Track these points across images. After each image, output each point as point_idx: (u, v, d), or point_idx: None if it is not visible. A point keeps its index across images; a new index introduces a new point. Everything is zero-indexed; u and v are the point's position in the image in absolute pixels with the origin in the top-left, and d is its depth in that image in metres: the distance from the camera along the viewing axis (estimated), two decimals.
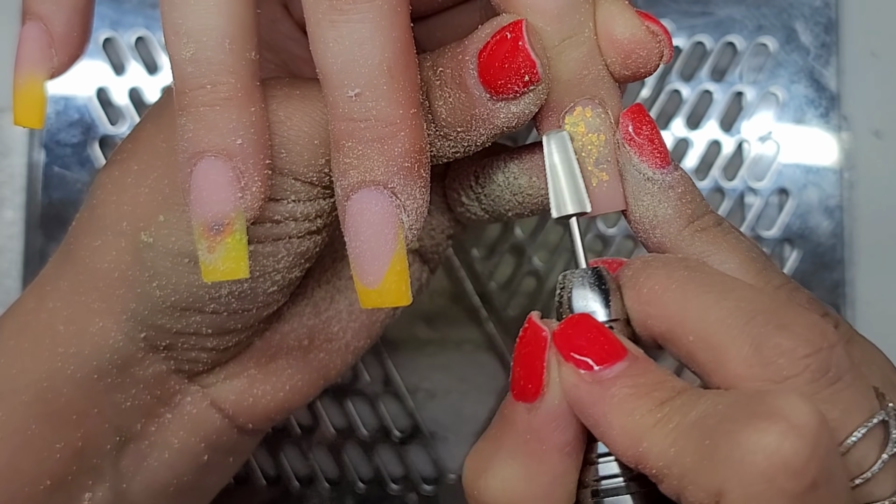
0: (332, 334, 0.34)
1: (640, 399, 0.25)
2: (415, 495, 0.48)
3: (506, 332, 0.49)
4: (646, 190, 0.28)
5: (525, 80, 0.26)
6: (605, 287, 0.27)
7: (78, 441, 0.31)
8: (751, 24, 0.50)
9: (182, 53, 0.26)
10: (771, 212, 0.50)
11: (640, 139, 0.28)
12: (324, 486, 0.48)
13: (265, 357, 0.33)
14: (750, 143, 0.50)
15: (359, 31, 0.25)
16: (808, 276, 0.49)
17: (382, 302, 0.26)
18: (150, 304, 0.30)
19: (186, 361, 0.32)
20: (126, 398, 0.32)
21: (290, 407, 0.34)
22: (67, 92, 0.49)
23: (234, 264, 0.26)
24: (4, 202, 0.49)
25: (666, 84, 0.50)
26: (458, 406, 0.49)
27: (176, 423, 0.33)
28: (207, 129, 0.26)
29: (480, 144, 0.28)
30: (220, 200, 0.26)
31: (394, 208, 0.26)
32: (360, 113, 0.25)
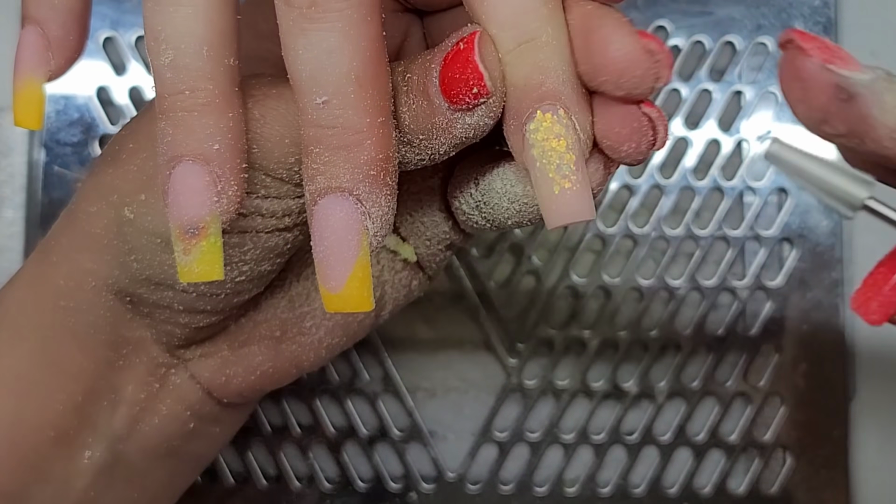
0: (305, 329, 0.35)
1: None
2: (414, 494, 0.48)
3: (505, 331, 0.49)
4: (884, 90, 0.26)
5: (474, 92, 0.26)
6: None
7: (78, 395, 0.33)
8: (750, 24, 0.50)
9: (161, 59, 0.26)
10: (770, 211, 0.50)
11: (831, 51, 0.26)
12: (323, 485, 0.48)
13: (238, 342, 0.34)
14: (749, 143, 0.50)
15: (328, 39, 0.25)
16: (807, 275, 0.49)
17: (345, 307, 0.26)
18: (129, 274, 0.31)
19: (164, 334, 0.33)
20: (118, 357, 0.33)
21: (261, 388, 0.35)
22: (68, 91, 0.49)
23: (208, 267, 0.27)
24: (4, 201, 0.49)
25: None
26: (457, 405, 0.49)
27: (163, 392, 0.34)
28: (185, 133, 0.26)
29: (444, 153, 0.28)
30: (197, 204, 0.26)
31: (358, 215, 0.26)
32: (328, 120, 0.26)
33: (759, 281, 0.49)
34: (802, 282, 0.49)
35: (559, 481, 0.49)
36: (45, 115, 0.30)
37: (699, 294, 0.49)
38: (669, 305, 0.49)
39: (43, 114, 0.30)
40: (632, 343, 0.49)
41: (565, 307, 0.49)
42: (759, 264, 0.49)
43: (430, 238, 0.35)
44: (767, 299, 0.49)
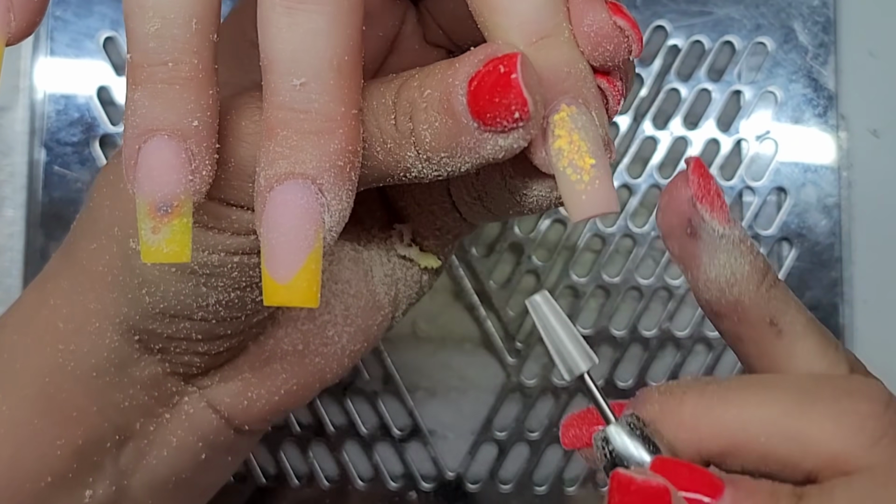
0: (328, 338, 0.34)
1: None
2: (414, 493, 0.49)
3: (505, 330, 0.49)
4: (721, 248, 0.28)
5: (515, 116, 0.25)
6: (645, 434, 0.27)
7: (79, 438, 0.31)
8: (749, 24, 0.50)
9: (145, 27, 0.25)
10: (769, 210, 0.50)
11: (710, 195, 0.28)
12: (323, 484, 0.48)
13: (259, 361, 0.33)
14: (748, 142, 0.50)
15: (315, 21, 0.25)
16: (806, 274, 0.49)
17: (290, 300, 0.25)
18: (141, 309, 0.30)
19: (181, 364, 0.32)
20: (125, 398, 0.32)
21: (285, 409, 0.34)
22: (68, 91, 0.49)
23: (177, 247, 0.25)
24: (5, 201, 0.49)
25: (664, 83, 0.50)
26: (457, 404, 0.49)
27: (174, 422, 0.33)
28: (164, 107, 0.25)
29: (463, 171, 0.27)
30: (171, 181, 0.25)
31: (318, 205, 0.25)
32: (302, 104, 0.25)
33: None
34: (801, 281, 0.49)
35: (559, 480, 0.49)
36: (43, 114, 0.29)
37: None
38: (669, 305, 0.49)
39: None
40: (631, 342, 0.49)
41: (565, 306, 0.49)
42: None
43: (440, 227, 0.34)
44: None
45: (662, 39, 0.50)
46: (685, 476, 0.26)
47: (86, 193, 0.49)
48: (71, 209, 0.48)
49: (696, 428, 0.27)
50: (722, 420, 0.26)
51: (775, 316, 0.28)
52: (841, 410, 0.25)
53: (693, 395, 0.27)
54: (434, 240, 0.35)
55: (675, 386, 0.28)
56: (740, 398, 0.26)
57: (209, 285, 0.29)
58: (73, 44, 0.49)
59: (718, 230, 0.28)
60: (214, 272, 0.29)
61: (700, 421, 0.26)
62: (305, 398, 0.35)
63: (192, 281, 0.29)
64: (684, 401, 0.27)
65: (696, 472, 0.26)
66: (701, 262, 0.28)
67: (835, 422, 0.25)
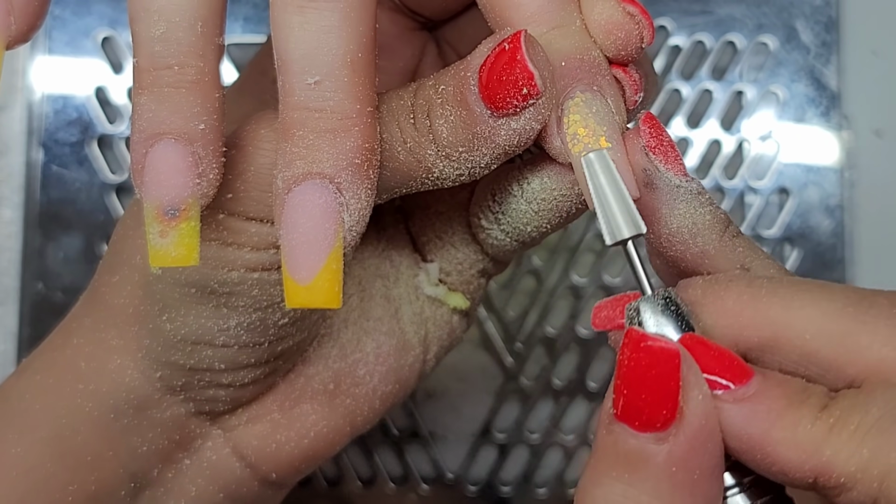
0: (359, 378, 0.33)
1: (801, 408, 0.23)
2: (414, 495, 0.48)
3: (505, 331, 0.49)
4: (679, 197, 0.27)
5: (524, 93, 0.25)
6: (681, 312, 0.26)
7: (91, 485, 0.31)
8: (751, 23, 0.50)
9: (151, 31, 0.25)
10: (771, 211, 0.49)
11: (663, 147, 0.27)
12: (322, 486, 0.48)
13: (289, 401, 0.32)
14: (750, 142, 0.50)
15: (327, 18, 0.25)
16: (808, 275, 0.49)
17: (312, 301, 0.25)
18: (162, 339, 0.30)
19: (206, 401, 0.31)
20: (143, 442, 0.31)
21: (315, 455, 0.33)
22: (66, 91, 0.49)
23: (185, 251, 0.25)
24: (3, 201, 0.49)
25: (666, 83, 0.50)
26: (457, 405, 0.49)
27: (194, 469, 0.32)
28: (171, 110, 0.25)
29: (484, 166, 0.27)
30: (178, 185, 0.25)
31: (337, 205, 0.25)
32: (317, 102, 0.25)
33: None
34: None
35: (560, 482, 0.49)
36: (41, 114, 0.29)
37: None
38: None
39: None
40: None
41: (565, 307, 0.49)
42: None
43: (462, 261, 0.33)
44: None
45: (664, 39, 0.50)
46: (712, 356, 0.24)
47: (84, 193, 0.49)
48: (69, 209, 0.48)
49: (738, 315, 0.25)
50: (767, 311, 0.25)
51: (745, 262, 0.27)
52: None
53: (740, 283, 0.26)
54: (457, 275, 0.34)
55: (719, 276, 0.26)
56: (790, 293, 0.25)
57: (230, 305, 0.29)
58: (72, 43, 0.49)
59: (674, 181, 0.27)
60: (234, 290, 0.28)
61: (744, 309, 0.25)
62: (335, 444, 0.33)
63: (213, 302, 0.28)
64: (730, 287, 0.25)
65: (724, 354, 0.24)
66: (661, 214, 0.27)
67: (889, 328, 0.23)
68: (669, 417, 0.23)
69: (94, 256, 0.48)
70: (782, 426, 0.23)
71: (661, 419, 0.23)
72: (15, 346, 0.48)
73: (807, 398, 0.24)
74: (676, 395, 0.23)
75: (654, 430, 0.23)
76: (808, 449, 0.23)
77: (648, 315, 0.26)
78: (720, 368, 0.24)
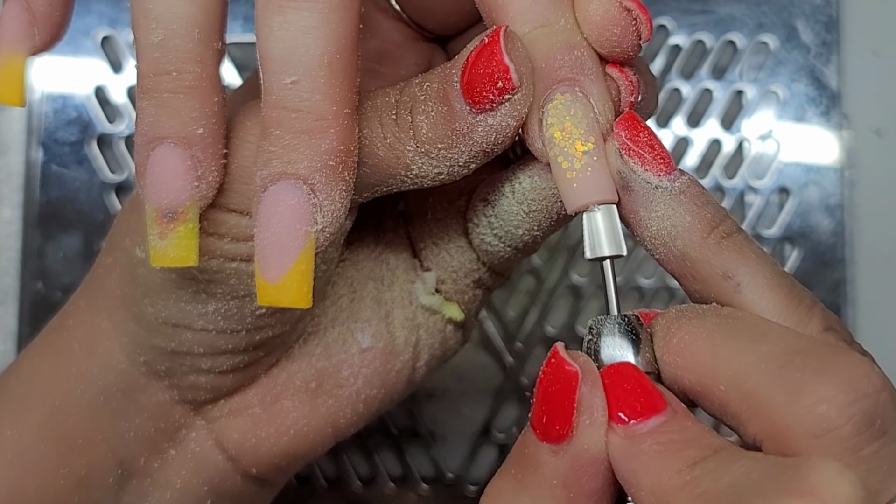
0: (343, 379, 0.33)
1: (671, 457, 0.23)
2: (414, 495, 0.48)
3: (505, 331, 0.49)
4: (657, 199, 0.27)
5: (499, 86, 0.25)
6: (636, 337, 0.26)
7: (82, 469, 0.31)
8: (751, 22, 0.50)
9: (150, 38, 0.25)
10: (771, 210, 0.49)
11: (639, 147, 0.27)
12: (322, 486, 0.48)
13: (270, 396, 0.33)
14: (750, 142, 0.50)
15: (306, 18, 0.25)
16: (808, 275, 0.49)
17: (280, 300, 0.25)
18: (145, 321, 0.30)
19: (188, 388, 0.32)
20: (130, 427, 0.32)
21: (294, 454, 0.33)
22: (65, 90, 0.49)
23: (184, 252, 0.26)
24: (2, 200, 0.49)
25: (666, 82, 0.50)
26: (456, 405, 0.49)
27: (179, 461, 0.33)
28: (169, 115, 0.26)
29: (463, 164, 0.27)
30: (177, 188, 0.26)
31: (310, 206, 0.25)
32: (294, 102, 0.25)
33: None
34: (804, 282, 0.48)
35: None
36: (40, 113, 0.30)
37: None
38: (670, 305, 0.49)
39: (25, 90, 0.29)
40: None
41: (565, 307, 0.49)
42: None
43: (457, 269, 0.33)
44: None
45: (664, 38, 0.50)
46: (625, 387, 0.24)
47: (84, 193, 0.49)
48: (68, 208, 0.48)
49: (677, 355, 0.25)
50: (697, 356, 0.25)
51: (729, 269, 0.26)
52: (799, 382, 0.23)
53: (693, 322, 0.25)
54: (452, 283, 0.34)
55: (692, 309, 0.26)
56: (722, 338, 0.24)
57: (208, 292, 0.29)
58: (71, 42, 0.49)
59: (653, 181, 0.26)
60: (213, 278, 0.29)
61: (682, 350, 0.25)
62: (317, 445, 0.33)
63: (192, 287, 0.29)
64: (682, 326, 0.25)
65: (638, 387, 0.24)
66: (640, 216, 0.27)
67: (786, 393, 0.23)
68: (562, 434, 0.24)
69: (94, 256, 0.48)
70: (647, 471, 0.23)
71: (555, 434, 0.24)
72: (14, 345, 0.48)
73: (685, 449, 0.23)
74: (570, 415, 0.24)
75: (550, 441, 0.24)
76: (659, 498, 0.23)
77: (605, 334, 0.26)
78: (625, 401, 0.24)
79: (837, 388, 0.23)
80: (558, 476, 0.24)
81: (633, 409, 0.24)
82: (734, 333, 0.25)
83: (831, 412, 0.22)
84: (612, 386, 0.24)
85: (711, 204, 0.27)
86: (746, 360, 0.24)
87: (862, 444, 0.22)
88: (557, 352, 0.25)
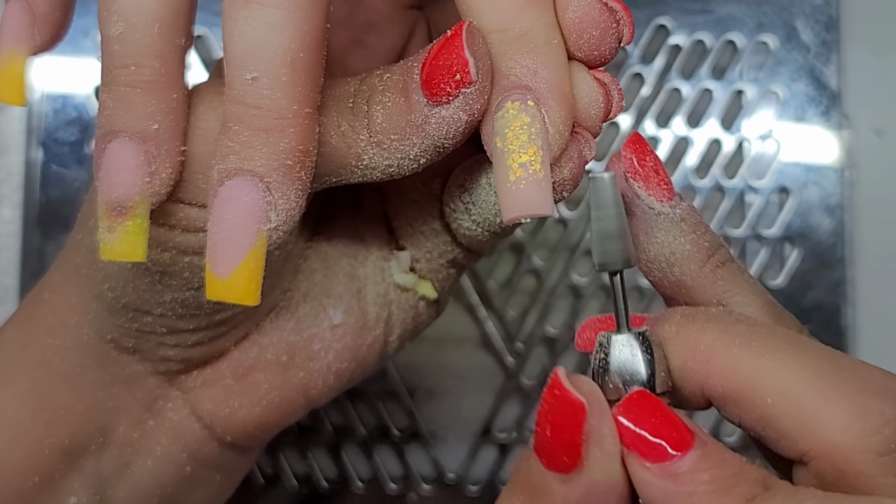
0: (314, 353, 0.33)
1: (724, 497, 0.23)
2: (414, 495, 0.48)
3: (505, 330, 0.49)
4: (658, 225, 0.27)
5: (456, 79, 0.25)
6: (651, 355, 0.25)
7: (65, 438, 0.32)
8: (751, 22, 0.50)
9: (111, 30, 0.25)
10: (771, 210, 0.49)
11: (646, 171, 0.27)
12: (322, 486, 0.48)
13: (242, 368, 0.33)
14: (750, 142, 0.50)
15: (271, 15, 0.25)
16: (808, 274, 0.49)
17: (228, 296, 0.25)
18: (106, 303, 0.30)
19: (159, 361, 0.32)
20: (108, 397, 0.32)
21: (268, 423, 0.34)
22: (65, 90, 0.49)
23: (130, 248, 0.26)
24: (2, 200, 0.49)
25: (666, 82, 0.50)
26: (457, 405, 0.49)
27: (158, 430, 0.33)
28: (125, 109, 0.26)
29: (413, 158, 0.27)
30: (127, 183, 0.26)
31: (264, 203, 0.25)
32: (254, 98, 0.25)
33: (761, 281, 0.49)
34: (804, 282, 0.49)
35: None
36: (40, 113, 0.30)
37: None
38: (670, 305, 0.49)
39: (26, 90, 0.29)
40: None
41: (565, 307, 0.49)
42: (761, 264, 0.49)
43: (431, 250, 0.33)
44: None
45: (664, 38, 0.50)
46: (654, 420, 0.24)
47: (83, 193, 0.48)
48: (68, 208, 0.48)
49: (706, 362, 0.25)
50: (736, 364, 0.24)
51: (723, 297, 0.27)
52: (864, 404, 0.23)
53: (716, 327, 0.25)
54: (426, 263, 0.34)
55: (700, 312, 0.26)
56: (763, 349, 0.24)
57: (164, 283, 0.29)
58: (71, 42, 0.49)
59: (656, 207, 0.27)
60: (167, 270, 0.29)
61: (714, 356, 0.24)
62: (290, 414, 0.34)
63: (148, 278, 0.29)
64: (705, 330, 0.25)
65: (667, 419, 0.24)
66: (639, 240, 0.27)
67: (851, 413, 0.23)
68: (571, 464, 0.24)
69: None
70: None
71: (563, 464, 0.24)
72: None
73: (736, 485, 0.23)
74: (578, 447, 0.23)
75: (557, 471, 0.24)
76: None
77: (616, 351, 0.25)
78: (661, 432, 0.24)
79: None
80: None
81: (675, 441, 0.23)
82: (777, 344, 0.24)
83: (894, 433, 0.23)
84: (638, 421, 0.24)
85: (709, 232, 0.27)
86: (800, 374, 0.24)
87: None
88: (560, 381, 0.24)
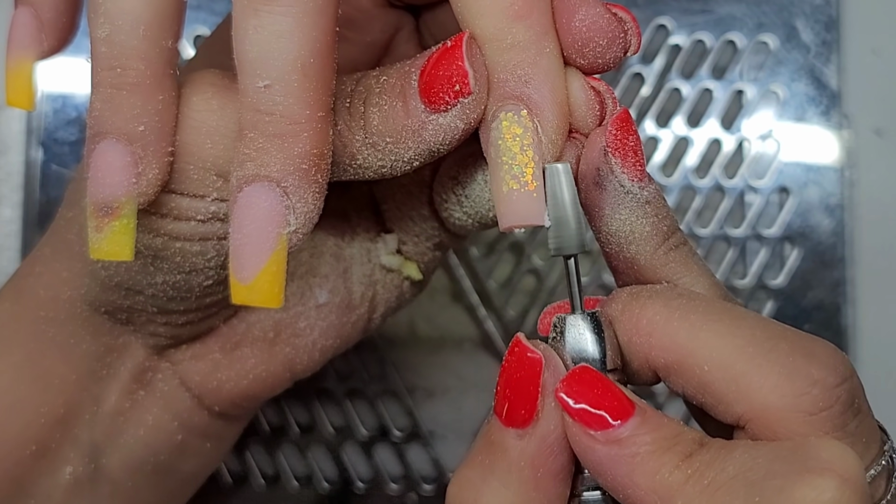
0: (299, 330, 0.34)
1: (664, 455, 0.24)
2: (414, 495, 0.48)
3: (505, 330, 0.49)
4: (625, 203, 0.27)
5: (455, 89, 0.26)
6: (601, 334, 0.27)
7: (60, 407, 0.33)
8: (751, 22, 0.50)
9: (98, 32, 0.26)
10: (771, 210, 0.49)
11: (625, 149, 0.27)
12: (322, 486, 0.48)
13: (230, 344, 0.34)
14: (750, 142, 0.50)
15: (280, 23, 0.25)
16: (808, 274, 0.49)
17: (252, 300, 0.26)
18: (99, 281, 0.31)
19: (150, 335, 0.33)
20: (101, 366, 0.33)
21: (254, 395, 0.35)
22: (65, 90, 0.49)
23: (118, 247, 0.26)
24: (2, 200, 0.49)
25: (666, 82, 0.50)
26: (456, 405, 0.49)
27: (149, 399, 0.34)
28: (112, 111, 0.26)
29: (407, 161, 0.27)
30: (114, 184, 0.26)
31: (282, 208, 0.25)
32: (267, 105, 0.25)
33: (761, 280, 0.49)
34: (804, 282, 0.49)
35: None
36: (40, 113, 0.30)
37: None
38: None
39: (34, 94, 0.29)
40: None
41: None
42: (761, 264, 0.49)
43: (419, 234, 0.34)
44: (769, 299, 0.49)
45: (664, 38, 0.50)
46: (596, 392, 0.25)
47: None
48: None
49: (650, 335, 0.26)
50: (675, 336, 0.26)
51: (672, 279, 0.28)
52: (792, 367, 0.24)
53: (657, 302, 0.26)
54: (413, 246, 0.35)
55: (644, 289, 0.27)
56: (700, 320, 0.26)
57: (156, 266, 0.30)
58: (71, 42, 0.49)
59: (626, 185, 0.27)
60: (158, 255, 0.29)
61: (655, 329, 0.26)
62: (275, 387, 0.35)
63: (140, 261, 0.29)
64: (646, 306, 0.26)
65: (608, 391, 0.25)
66: (603, 213, 0.28)
67: (780, 376, 0.24)
68: (527, 417, 0.25)
69: None
70: (643, 472, 0.24)
71: (520, 418, 0.25)
72: None
73: (674, 445, 0.25)
74: (535, 399, 0.25)
75: (515, 426, 0.26)
76: (662, 495, 0.24)
77: (570, 330, 0.27)
78: (602, 404, 0.25)
79: (826, 372, 0.25)
80: (526, 458, 0.26)
81: (615, 411, 0.25)
82: (714, 315, 0.26)
83: (823, 394, 0.24)
84: (580, 393, 0.25)
85: (669, 217, 0.28)
86: (733, 342, 0.25)
87: (847, 421, 0.25)
88: (520, 340, 0.26)
